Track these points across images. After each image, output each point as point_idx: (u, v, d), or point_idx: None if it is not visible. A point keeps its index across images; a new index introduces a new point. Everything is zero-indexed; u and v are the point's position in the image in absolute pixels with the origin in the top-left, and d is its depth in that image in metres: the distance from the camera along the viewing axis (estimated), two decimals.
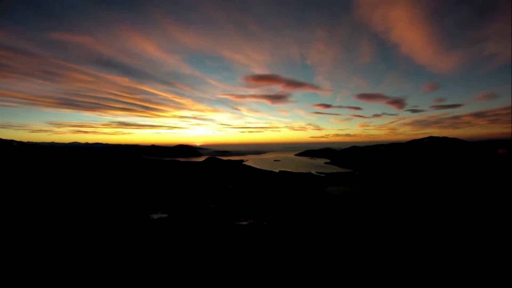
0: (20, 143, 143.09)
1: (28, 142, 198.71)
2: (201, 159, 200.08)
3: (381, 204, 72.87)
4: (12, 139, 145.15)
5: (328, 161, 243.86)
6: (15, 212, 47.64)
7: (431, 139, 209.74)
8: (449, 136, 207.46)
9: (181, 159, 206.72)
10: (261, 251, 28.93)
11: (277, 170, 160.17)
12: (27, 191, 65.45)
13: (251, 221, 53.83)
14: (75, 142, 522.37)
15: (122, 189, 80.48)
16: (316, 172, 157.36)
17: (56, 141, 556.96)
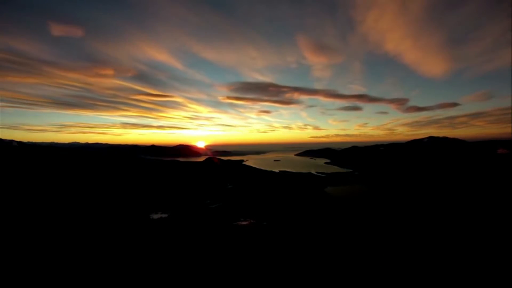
0: (20, 143, 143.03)
1: (28, 142, 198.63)
2: (201, 159, 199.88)
3: (381, 205, 72.81)
4: (12, 139, 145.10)
5: (328, 161, 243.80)
6: (15, 212, 47.55)
7: (432, 139, 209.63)
8: (449, 136, 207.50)
9: (181, 159, 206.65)
10: (261, 251, 28.83)
11: (277, 170, 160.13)
12: (27, 191, 65.36)
13: (251, 221, 53.73)
14: (75, 142, 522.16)
15: (122, 189, 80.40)
16: (316, 172, 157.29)
17: (56, 141, 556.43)
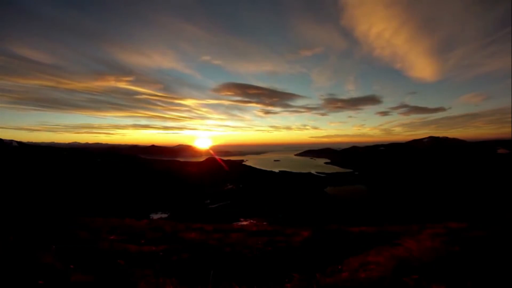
0: (20, 143, 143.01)
1: (28, 142, 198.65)
2: (202, 159, 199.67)
3: (382, 205, 72.62)
4: (12, 139, 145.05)
5: (328, 161, 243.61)
6: (14, 212, 47.41)
7: (432, 139, 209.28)
8: (449, 136, 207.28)
9: (181, 159, 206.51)
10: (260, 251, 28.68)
11: (277, 170, 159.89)
12: (27, 191, 65.25)
13: (251, 221, 53.64)
14: (75, 142, 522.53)
15: (122, 189, 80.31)
16: (316, 172, 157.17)
17: (56, 141, 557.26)
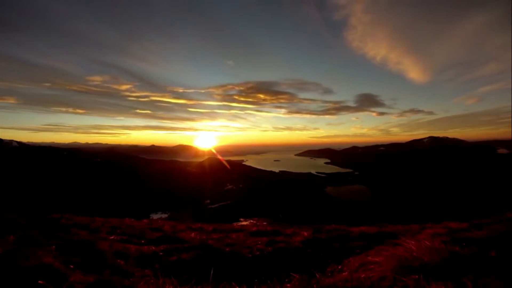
0: (20, 143, 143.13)
1: (28, 142, 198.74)
2: (202, 159, 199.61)
3: (382, 205, 72.60)
4: (12, 139, 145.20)
5: (328, 161, 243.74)
6: (13, 212, 47.43)
7: (432, 139, 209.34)
8: (449, 136, 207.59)
9: (182, 159, 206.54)
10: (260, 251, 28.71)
11: (277, 170, 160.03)
12: (26, 191, 65.24)
13: (251, 221, 53.63)
14: (75, 142, 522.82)
15: (122, 188, 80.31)
16: (316, 172, 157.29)
17: (56, 141, 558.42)
